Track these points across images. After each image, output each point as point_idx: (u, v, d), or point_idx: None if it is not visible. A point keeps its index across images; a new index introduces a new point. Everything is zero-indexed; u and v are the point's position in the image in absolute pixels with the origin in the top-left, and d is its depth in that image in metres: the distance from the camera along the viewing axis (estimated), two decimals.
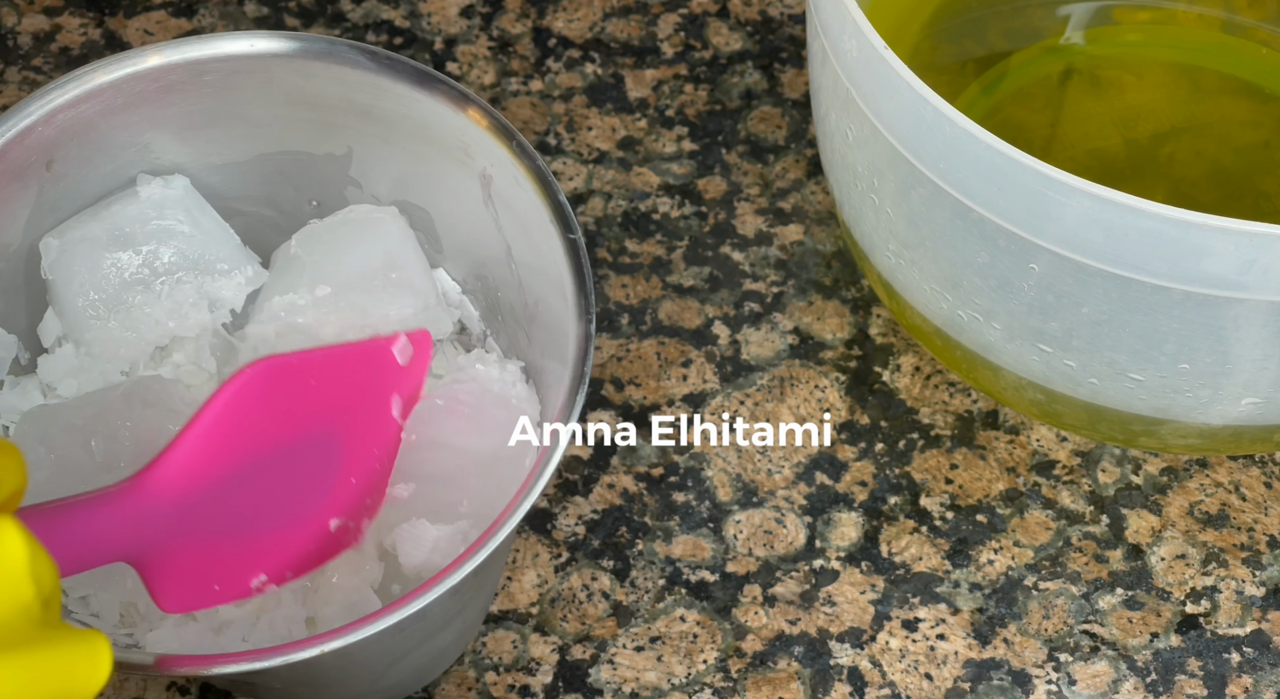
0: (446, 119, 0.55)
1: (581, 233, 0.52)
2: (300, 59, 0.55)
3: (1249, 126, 0.65)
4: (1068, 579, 0.60)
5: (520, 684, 0.57)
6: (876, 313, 0.65)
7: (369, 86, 0.55)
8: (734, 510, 0.60)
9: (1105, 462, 0.62)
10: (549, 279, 0.53)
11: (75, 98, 0.54)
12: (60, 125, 0.54)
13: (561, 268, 0.52)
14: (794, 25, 0.72)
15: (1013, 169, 0.50)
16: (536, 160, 0.53)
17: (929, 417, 0.63)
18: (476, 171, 0.55)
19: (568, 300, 0.52)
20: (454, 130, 0.55)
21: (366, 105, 0.56)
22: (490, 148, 0.54)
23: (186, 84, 0.56)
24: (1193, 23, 0.67)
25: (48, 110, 0.54)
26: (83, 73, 0.54)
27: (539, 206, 0.53)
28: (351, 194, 0.59)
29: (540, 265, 0.54)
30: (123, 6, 0.71)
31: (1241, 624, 0.59)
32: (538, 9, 0.72)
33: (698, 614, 0.58)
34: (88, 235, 0.56)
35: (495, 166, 0.55)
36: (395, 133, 0.56)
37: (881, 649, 0.58)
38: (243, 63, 0.55)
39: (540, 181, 0.53)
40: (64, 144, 0.55)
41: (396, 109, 0.56)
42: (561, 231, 0.52)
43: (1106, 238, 0.50)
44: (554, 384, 0.51)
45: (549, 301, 0.54)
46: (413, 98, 0.55)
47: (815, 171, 0.68)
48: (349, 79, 0.55)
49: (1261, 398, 0.54)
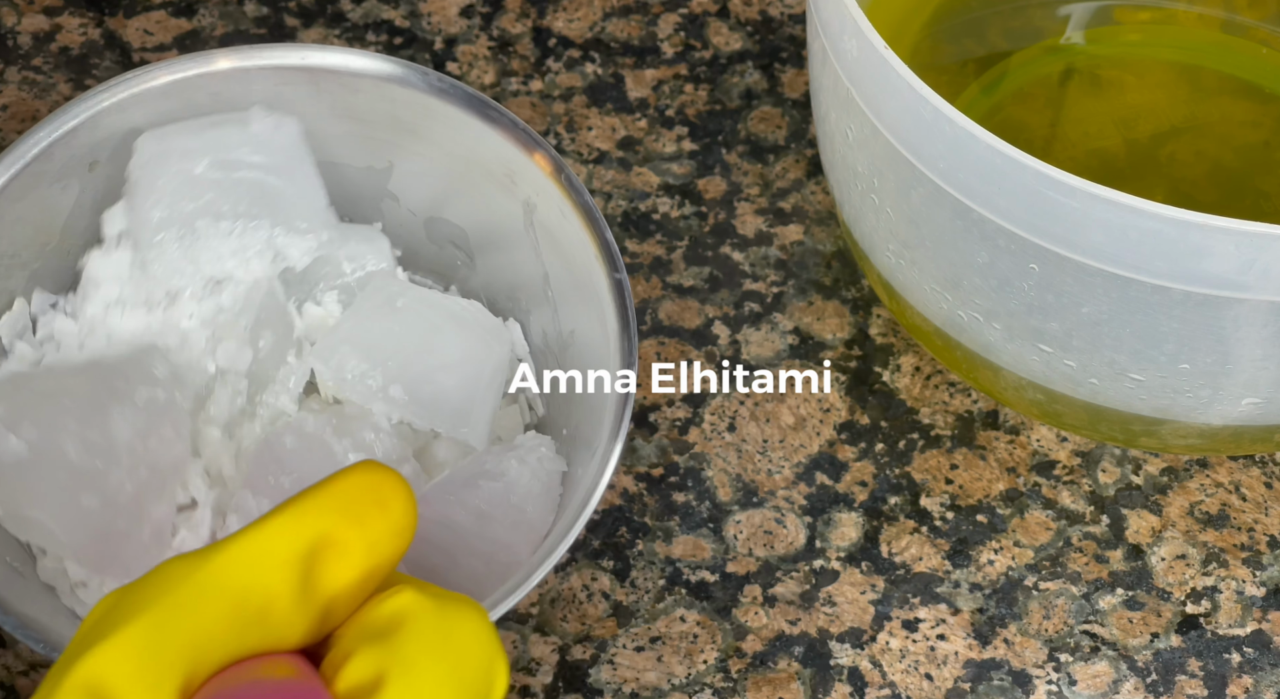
0: (493, 146, 0.55)
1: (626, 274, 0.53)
2: (349, 76, 0.55)
3: (1249, 126, 0.65)
4: (1068, 579, 0.60)
5: (520, 684, 0.57)
6: (876, 313, 0.65)
7: (417, 106, 0.55)
8: (734, 510, 0.60)
9: (1105, 462, 0.62)
10: (588, 312, 0.53)
11: (121, 102, 0.55)
12: (106, 129, 0.55)
13: (606, 306, 0.52)
14: (794, 25, 0.72)
15: (1013, 169, 0.50)
16: (585, 196, 0.53)
17: (929, 417, 0.63)
18: (520, 199, 0.55)
19: (610, 341, 0.51)
20: (500, 158, 0.55)
21: (412, 124, 0.56)
22: (536, 178, 0.54)
23: (236, 95, 0.56)
24: (1193, 23, 0.67)
25: (93, 113, 0.54)
26: (129, 77, 0.54)
27: (584, 242, 0.53)
28: (388, 207, 0.59)
29: (579, 297, 0.54)
30: (122, 6, 0.71)
31: (1242, 624, 0.59)
32: (538, 9, 0.72)
33: (698, 614, 0.58)
34: (184, 149, 0.54)
35: (540, 197, 0.55)
36: (439, 153, 0.56)
37: (882, 649, 0.58)
38: (292, 74, 0.55)
39: (588, 218, 0.53)
40: (108, 146, 0.55)
41: (443, 131, 0.56)
42: (608, 270, 0.53)
43: (1107, 238, 0.50)
44: (590, 415, 0.52)
45: (585, 333, 0.53)
46: (461, 121, 0.55)
47: (815, 171, 0.68)
48: (397, 97, 0.55)
49: (1262, 398, 0.54)
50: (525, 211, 0.55)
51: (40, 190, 0.54)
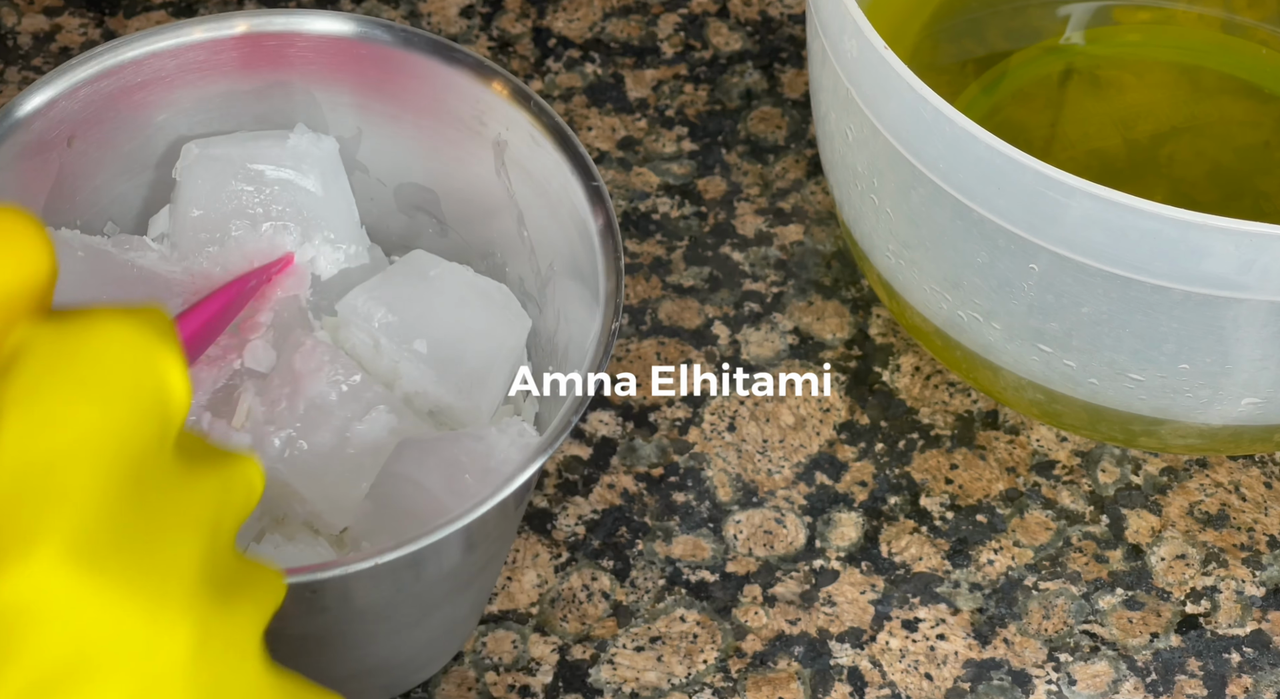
0: (462, 88, 0.56)
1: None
2: (317, 38, 0.56)
3: (1249, 126, 0.65)
4: (1068, 579, 0.60)
5: (520, 684, 0.57)
6: (876, 313, 0.65)
7: (383, 61, 0.56)
8: (734, 510, 0.60)
9: (1105, 462, 0.62)
10: (568, 236, 0.54)
11: (97, 73, 0.55)
12: (82, 100, 0.55)
13: (586, 217, 0.53)
14: (794, 25, 0.72)
15: (1013, 169, 0.50)
16: (554, 117, 0.54)
17: (929, 417, 0.63)
18: (490, 139, 0.56)
19: (594, 246, 0.52)
20: (469, 99, 0.56)
21: (379, 81, 0.56)
22: (506, 111, 0.55)
23: (205, 63, 0.56)
24: (1193, 23, 0.67)
25: (71, 84, 0.55)
26: (104, 49, 0.55)
27: (559, 163, 0.54)
28: (357, 179, 0.59)
29: (557, 225, 0.55)
30: (123, 6, 0.71)
31: (1241, 624, 0.59)
32: (537, 9, 0.72)
33: (698, 614, 0.58)
34: (226, 155, 0.56)
35: (511, 130, 0.55)
36: (406, 109, 0.57)
37: (881, 649, 0.58)
38: (264, 40, 0.56)
39: (558, 136, 0.54)
40: (85, 120, 0.55)
41: (410, 83, 0.56)
42: (584, 181, 0.53)
43: (1106, 238, 0.50)
44: (578, 334, 0.52)
45: (566, 257, 0.54)
46: (429, 69, 0.56)
47: (815, 171, 0.68)
48: (364, 55, 0.56)
49: (1261, 398, 0.54)
50: (496, 153, 0.56)
51: (22, 163, 0.55)
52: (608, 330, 0.51)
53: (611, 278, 0.52)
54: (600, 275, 0.52)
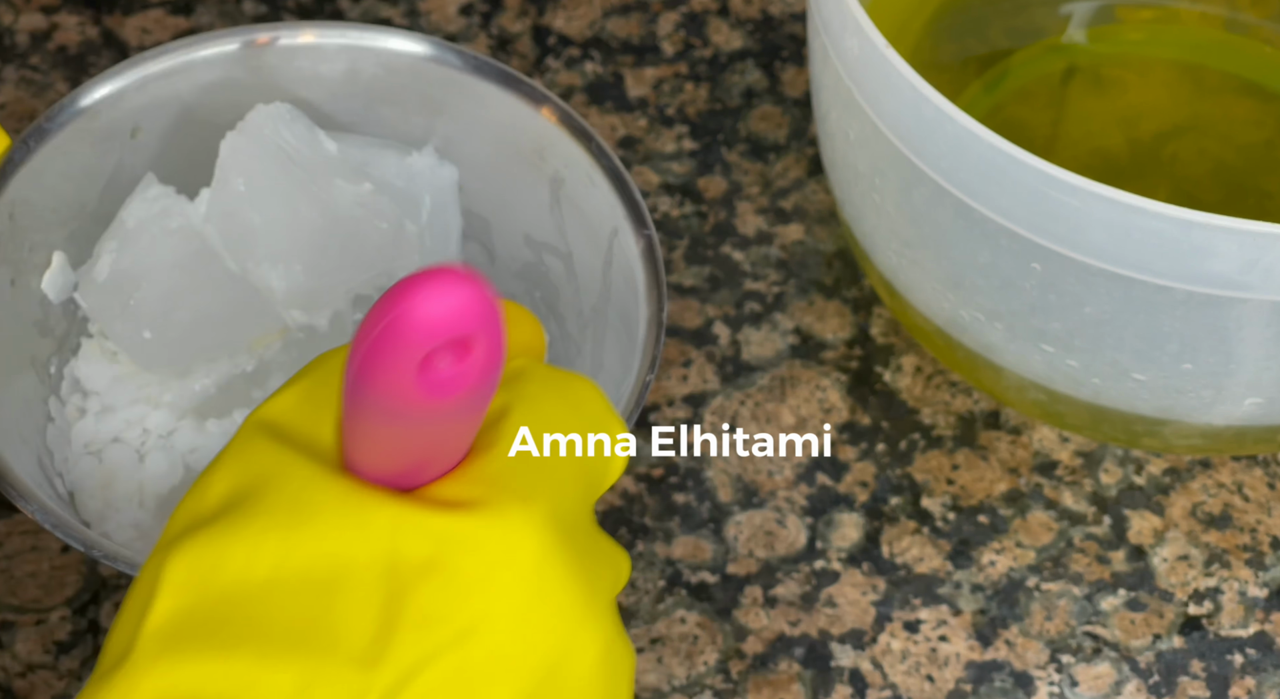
0: (524, 120, 0.56)
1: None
2: (387, 54, 0.57)
3: (1252, 125, 0.65)
4: (1070, 580, 0.59)
5: None
6: (878, 313, 0.65)
7: (450, 84, 0.57)
8: (734, 511, 0.60)
9: (1107, 462, 0.62)
10: (611, 280, 0.55)
11: (167, 69, 0.56)
12: (151, 94, 0.56)
13: (634, 265, 0.54)
14: (795, 23, 0.72)
15: (1015, 168, 0.49)
16: (613, 160, 0.55)
17: (930, 417, 0.62)
18: (548, 175, 0.56)
19: (638, 295, 0.53)
20: (530, 132, 0.56)
21: (441, 102, 0.57)
22: (566, 148, 0.56)
23: (275, 69, 0.57)
24: (1196, 21, 0.66)
25: (140, 77, 0.56)
26: (175, 46, 0.56)
27: (614, 204, 0.55)
28: None
29: (604, 267, 0.55)
30: (120, 5, 0.71)
31: (1244, 625, 0.59)
32: (537, 7, 0.72)
33: (698, 616, 0.58)
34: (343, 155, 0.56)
35: (569, 168, 0.56)
36: (467, 135, 0.57)
37: (883, 651, 0.58)
38: (332, 53, 0.57)
39: (615, 180, 0.55)
40: (151, 113, 0.56)
41: (473, 110, 0.57)
42: (636, 228, 0.54)
43: (1109, 237, 0.49)
44: (607, 382, 0.53)
45: (610, 303, 0.55)
46: (493, 97, 0.56)
47: (816, 171, 0.68)
48: (432, 76, 0.57)
49: (1265, 398, 0.54)
50: (552, 189, 0.56)
51: (84, 149, 0.56)
52: (641, 381, 0.51)
53: (652, 329, 0.52)
54: (641, 325, 0.53)
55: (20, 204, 0.54)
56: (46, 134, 0.55)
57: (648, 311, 0.53)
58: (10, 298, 0.55)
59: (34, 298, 0.55)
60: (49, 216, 0.56)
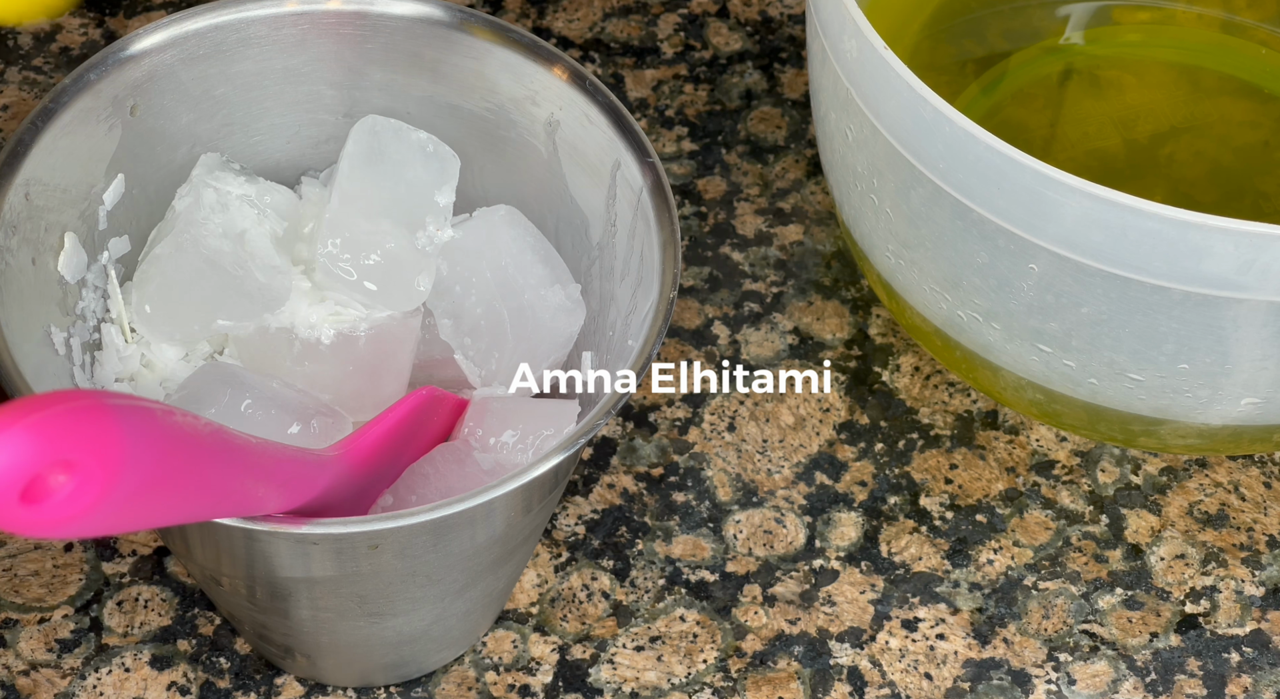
0: (516, 68, 0.56)
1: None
2: (374, 17, 0.57)
3: (1248, 127, 0.65)
4: (1067, 579, 0.60)
5: (520, 684, 0.57)
6: (876, 313, 0.65)
7: (440, 41, 0.57)
8: (734, 510, 0.60)
9: (1105, 462, 0.62)
10: (621, 217, 0.55)
11: (162, 42, 0.56)
12: (147, 68, 0.56)
13: (642, 195, 0.53)
14: (794, 25, 0.72)
15: (1012, 169, 0.50)
16: (609, 96, 0.55)
17: (928, 416, 0.63)
18: (542, 120, 0.56)
19: (650, 223, 0.53)
20: (524, 77, 0.56)
21: (435, 61, 0.57)
22: (560, 91, 0.56)
23: (264, 39, 0.57)
24: (1192, 23, 0.67)
25: (133, 51, 0.56)
26: (167, 21, 0.56)
27: (612, 139, 0.55)
28: None
29: (609, 201, 0.55)
30: (123, 6, 0.72)
31: (1241, 624, 0.59)
32: (537, 9, 0.72)
33: (697, 614, 0.59)
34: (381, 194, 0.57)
35: (564, 109, 0.56)
36: (460, 93, 0.57)
37: (881, 649, 0.58)
38: (320, 18, 0.57)
39: (612, 114, 0.55)
40: (147, 89, 0.56)
41: (466, 63, 0.57)
42: (638, 158, 0.54)
43: (1106, 238, 0.50)
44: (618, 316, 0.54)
45: (621, 233, 0.55)
46: (485, 50, 0.57)
47: (815, 171, 0.68)
48: (419, 34, 0.57)
49: (1261, 398, 0.54)
50: (548, 133, 0.56)
51: (88, 126, 0.56)
52: (666, 299, 0.51)
53: (669, 250, 0.52)
54: (655, 249, 0.53)
55: (35, 184, 0.54)
56: (52, 114, 0.55)
57: (660, 236, 0.53)
58: (33, 278, 0.55)
59: (53, 277, 0.56)
60: (60, 196, 0.56)
